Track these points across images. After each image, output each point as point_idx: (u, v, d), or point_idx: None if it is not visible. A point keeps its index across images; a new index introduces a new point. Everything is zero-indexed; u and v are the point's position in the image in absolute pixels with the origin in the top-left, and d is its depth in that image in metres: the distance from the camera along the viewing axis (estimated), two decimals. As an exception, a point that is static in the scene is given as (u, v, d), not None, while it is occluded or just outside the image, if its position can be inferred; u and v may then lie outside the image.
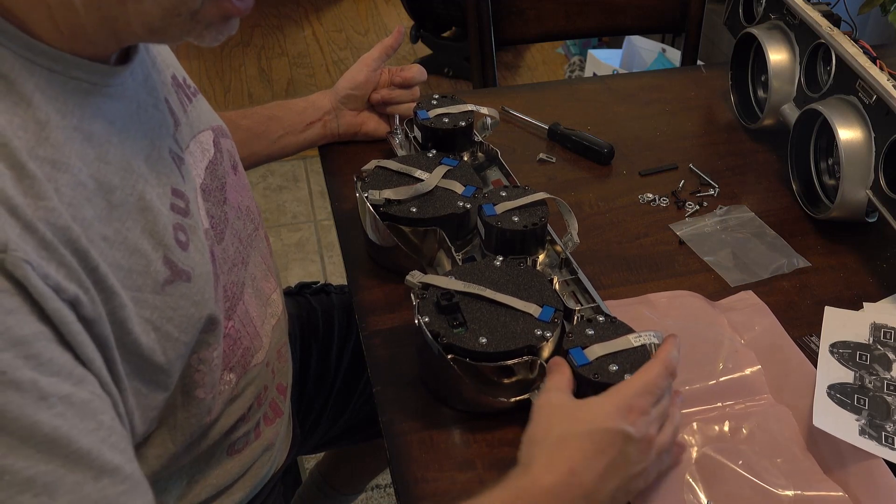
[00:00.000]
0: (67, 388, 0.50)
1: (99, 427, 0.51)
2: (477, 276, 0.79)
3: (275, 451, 0.88)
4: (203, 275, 0.66)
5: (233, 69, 3.12)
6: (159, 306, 0.60)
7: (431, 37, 3.07)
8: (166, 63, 0.75)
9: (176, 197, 0.65)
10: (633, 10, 1.66)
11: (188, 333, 0.64)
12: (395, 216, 0.88)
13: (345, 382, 1.11)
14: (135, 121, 0.63)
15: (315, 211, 2.44)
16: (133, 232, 0.59)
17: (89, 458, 0.49)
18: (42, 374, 0.48)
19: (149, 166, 0.63)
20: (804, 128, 1.04)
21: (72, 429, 0.49)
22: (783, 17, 1.14)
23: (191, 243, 0.65)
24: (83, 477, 0.49)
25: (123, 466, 0.52)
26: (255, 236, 0.83)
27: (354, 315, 0.89)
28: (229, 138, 0.83)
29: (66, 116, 0.56)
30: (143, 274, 0.59)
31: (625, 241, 1.00)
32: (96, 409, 0.51)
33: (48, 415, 0.48)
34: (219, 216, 0.74)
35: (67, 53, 0.56)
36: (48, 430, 0.48)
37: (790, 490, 0.71)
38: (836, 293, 0.92)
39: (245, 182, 0.84)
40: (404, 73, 1.10)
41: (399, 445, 0.75)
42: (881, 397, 0.77)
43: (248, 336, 0.77)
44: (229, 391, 0.75)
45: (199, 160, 0.74)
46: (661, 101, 1.28)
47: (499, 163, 1.02)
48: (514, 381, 0.74)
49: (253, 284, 0.80)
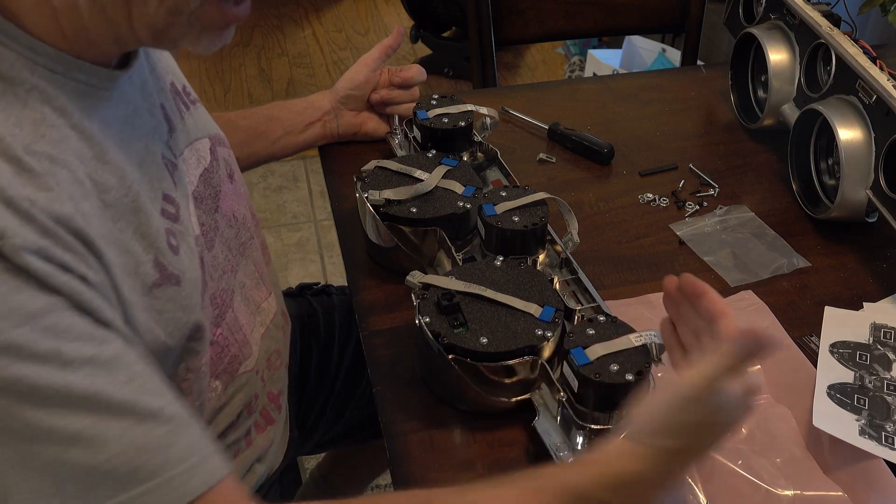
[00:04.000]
0: (91, 350, 0.52)
1: (132, 378, 0.53)
2: (477, 276, 0.79)
3: (268, 458, 0.88)
4: (192, 280, 0.66)
5: (233, 69, 3.12)
6: (147, 308, 0.61)
7: (431, 37, 3.07)
8: (166, 70, 0.75)
9: (167, 202, 0.66)
10: (633, 10, 1.66)
11: (175, 338, 0.64)
12: (395, 216, 0.88)
13: (345, 383, 1.11)
14: (130, 124, 0.64)
15: (315, 211, 2.44)
16: (125, 233, 0.59)
17: (128, 407, 0.52)
18: (64, 340, 0.50)
19: (142, 170, 0.63)
20: (804, 128, 1.04)
21: (105, 385, 0.51)
22: (783, 17, 1.14)
23: (181, 248, 0.65)
24: (127, 424, 0.52)
25: (164, 408, 0.54)
26: (249, 245, 0.83)
27: (355, 316, 0.89)
28: (227, 147, 0.83)
29: (63, 115, 0.56)
30: (132, 274, 0.60)
31: (625, 241, 1.00)
32: (125, 363, 0.53)
33: (77, 376, 0.50)
34: (209, 224, 0.75)
35: (69, 55, 0.57)
36: (81, 390, 0.50)
37: (790, 490, 0.71)
38: (836, 293, 0.92)
39: (242, 191, 0.84)
40: (403, 74, 1.10)
41: (399, 445, 0.75)
42: (881, 397, 0.77)
43: (237, 344, 0.77)
44: (216, 398, 0.75)
45: (194, 167, 0.74)
46: (661, 101, 1.28)
47: (499, 163, 1.02)
48: (514, 381, 0.74)
49: (242, 292, 0.80)
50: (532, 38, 1.68)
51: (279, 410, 0.90)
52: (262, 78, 3.09)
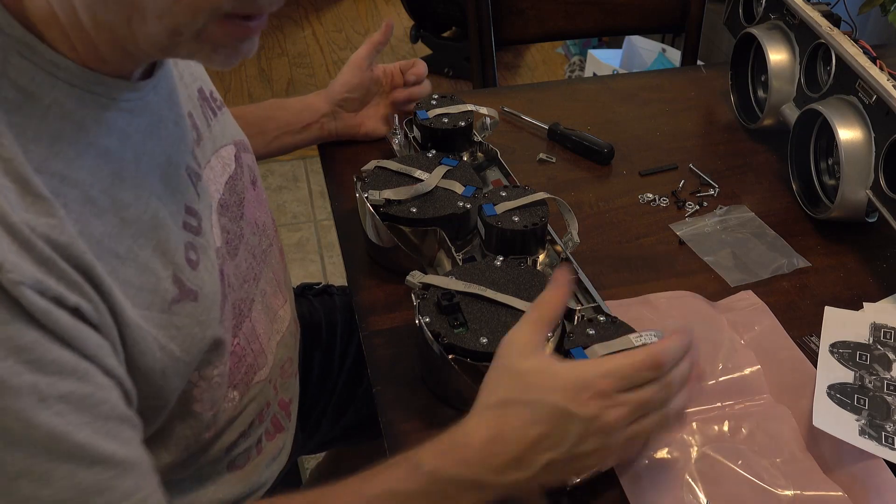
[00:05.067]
0: (69, 386, 0.51)
1: (94, 419, 0.53)
2: (477, 277, 0.79)
3: (276, 465, 0.88)
4: (210, 295, 0.65)
5: (233, 69, 3.12)
6: (165, 325, 0.60)
7: (431, 37, 3.07)
8: (194, 76, 0.74)
9: (189, 215, 0.65)
10: (633, 10, 1.66)
11: (190, 353, 0.63)
12: (395, 216, 0.88)
13: (347, 383, 1.11)
14: (153, 136, 0.63)
15: (315, 211, 2.44)
16: (145, 250, 0.59)
17: (84, 450, 0.52)
18: (43, 375, 0.50)
19: (164, 183, 0.63)
20: (804, 128, 1.04)
21: (68, 426, 0.51)
22: (783, 17, 1.14)
23: (200, 262, 0.65)
24: (76, 466, 0.52)
25: (116, 452, 0.54)
26: (269, 252, 0.82)
27: (356, 316, 0.89)
28: (251, 153, 0.82)
29: (81, 131, 0.56)
30: (152, 292, 0.59)
31: (625, 241, 1.00)
32: (95, 402, 0.53)
33: (46, 415, 0.50)
34: (234, 231, 0.74)
35: (89, 69, 0.56)
36: (46, 430, 0.50)
37: (790, 490, 0.71)
38: (836, 293, 0.92)
39: (263, 197, 0.83)
40: (416, 70, 1.11)
41: (399, 446, 0.75)
42: (881, 397, 0.77)
43: (253, 353, 0.77)
44: (232, 409, 0.75)
45: (220, 175, 0.74)
46: (661, 101, 1.28)
47: (499, 163, 1.02)
48: (514, 381, 0.74)
49: (263, 300, 0.80)
50: (532, 38, 1.68)
51: (289, 418, 0.90)
52: (262, 78, 3.09)
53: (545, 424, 0.61)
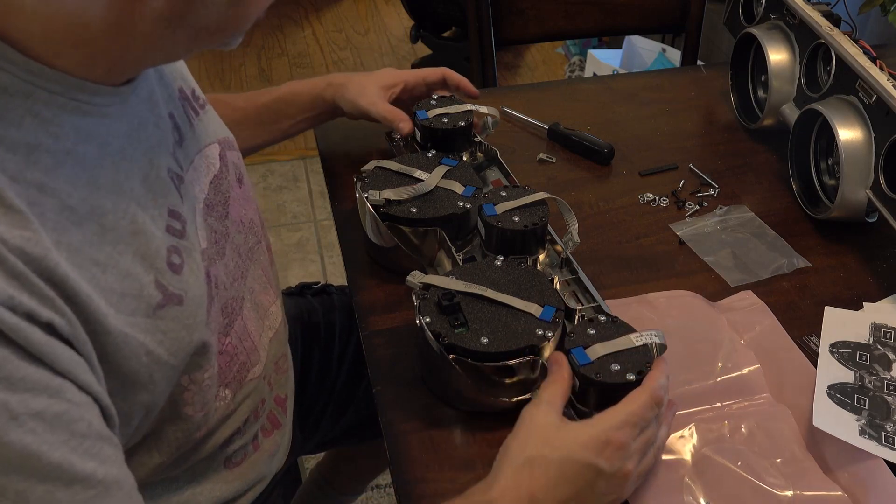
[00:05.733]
0: (41, 403, 0.50)
1: (71, 437, 0.52)
2: (478, 276, 0.79)
3: (274, 462, 0.88)
4: (195, 298, 0.65)
5: (233, 69, 3.12)
6: (151, 330, 0.60)
7: (431, 37, 3.07)
8: (174, 76, 0.74)
9: (172, 218, 0.65)
10: (633, 10, 1.66)
11: (177, 357, 0.63)
12: (395, 216, 0.88)
13: (346, 383, 1.10)
14: (133, 140, 0.62)
15: (315, 211, 2.44)
16: (125, 256, 0.58)
17: (60, 469, 0.51)
18: (14, 393, 0.49)
19: (145, 187, 0.62)
20: (804, 128, 1.04)
21: (42, 444, 0.50)
22: (783, 17, 1.14)
23: (185, 265, 0.64)
24: (53, 487, 0.50)
25: (96, 471, 0.53)
26: (257, 249, 0.82)
27: (355, 316, 0.89)
28: (236, 150, 0.82)
29: (59, 140, 0.55)
30: (136, 297, 0.59)
31: (625, 241, 1.00)
32: (70, 419, 0.52)
33: (18, 433, 0.49)
34: (220, 231, 0.74)
35: (72, 76, 0.55)
36: (19, 448, 0.49)
37: (790, 490, 0.71)
38: (836, 293, 0.92)
39: (250, 195, 0.83)
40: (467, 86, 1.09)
41: (399, 446, 0.75)
42: (881, 397, 0.77)
43: (245, 351, 0.77)
44: (224, 407, 0.74)
45: (204, 175, 0.73)
46: (661, 101, 1.28)
47: (499, 163, 1.02)
48: (515, 380, 0.74)
49: (252, 298, 0.80)
50: (532, 38, 1.68)
51: (285, 414, 0.90)
52: (262, 78, 3.09)
53: (576, 482, 0.64)
